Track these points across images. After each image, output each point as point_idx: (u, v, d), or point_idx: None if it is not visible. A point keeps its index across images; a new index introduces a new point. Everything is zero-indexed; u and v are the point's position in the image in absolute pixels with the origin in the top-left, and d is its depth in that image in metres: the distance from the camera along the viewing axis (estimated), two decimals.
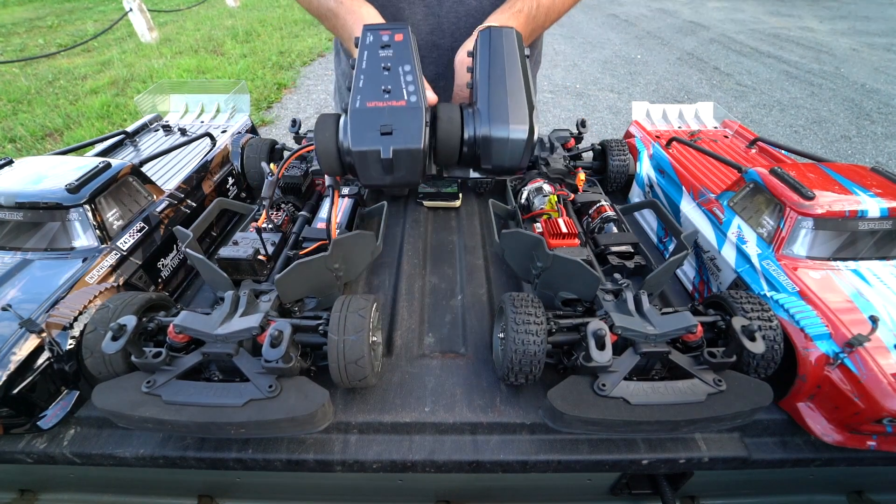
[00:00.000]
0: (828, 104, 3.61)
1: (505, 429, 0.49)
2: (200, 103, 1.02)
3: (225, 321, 0.45)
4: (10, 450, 0.47)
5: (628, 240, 0.63)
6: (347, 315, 0.46)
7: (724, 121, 0.96)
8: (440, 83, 0.84)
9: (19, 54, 4.57)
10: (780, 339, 0.46)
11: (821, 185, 0.55)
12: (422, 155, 0.45)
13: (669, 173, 0.76)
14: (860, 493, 0.57)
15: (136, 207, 0.62)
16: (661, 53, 4.82)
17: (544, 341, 0.45)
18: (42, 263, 0.53)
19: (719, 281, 0.60)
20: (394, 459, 0.46)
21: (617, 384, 0.43)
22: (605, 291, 0.51)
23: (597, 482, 0.56)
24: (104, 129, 3.10)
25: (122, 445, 0.47)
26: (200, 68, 4.18)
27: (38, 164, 0.61)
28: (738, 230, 0.59)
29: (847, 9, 6.57)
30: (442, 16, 0.74)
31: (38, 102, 3.48)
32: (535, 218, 0.66)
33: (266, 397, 0.42)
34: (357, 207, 0.73)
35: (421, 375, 0.53)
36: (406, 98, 0.46)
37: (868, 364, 0.42)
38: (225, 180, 0.83)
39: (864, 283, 0.50)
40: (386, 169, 0.46)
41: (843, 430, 0.45)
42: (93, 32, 4.93)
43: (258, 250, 0.58)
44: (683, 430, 0.44)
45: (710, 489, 0.58)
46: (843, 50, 4.80)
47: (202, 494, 0.58)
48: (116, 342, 0.41)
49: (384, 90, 0.46)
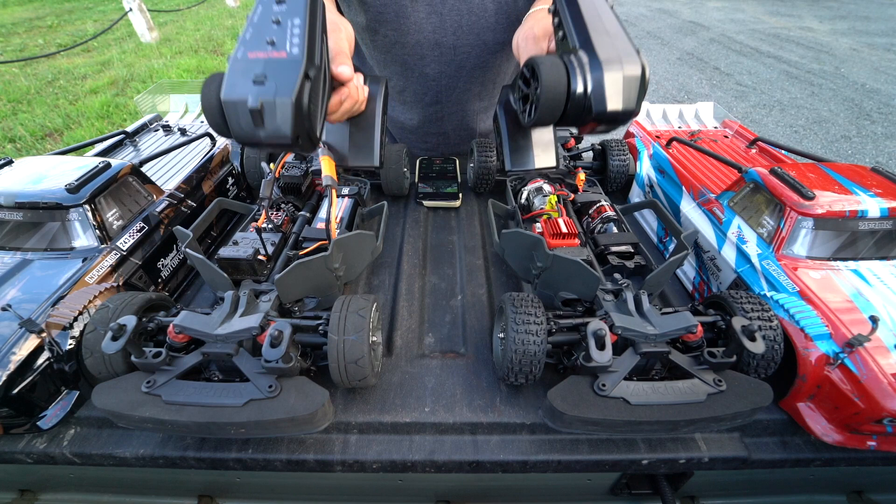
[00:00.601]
0: (828, 104, 3.61)
1: (505, 429, 0.49)
2: None
3: (225, 321, 0.45)
4: (9, 450, 0.47)
5: (628, 240, 0.63)
6: (347, 315, 0.46)
7: (725, 121, 0.96)
8: (443, 81, 0.84)
9: (19, 54, 4.57)
10: (780, 339, 0.46)
11: (821, 185, 0.55)
12: (291, 109, 0.41)
13: (669, 173, 0.76)
14: (860, 494, 0.57)
15: (136, 207, 0.62)
16: (661, 53, 4.82)
17: (544, 341, 0.45)
18: (42, 263, 0.53)
19: (719, 281, 0.60)
20: (394, 459, 0.46)
21: (617, 384, 0.43)
22: (605, 291, 0.51)
23: (597, 482, 0.56)
24: (104, 129, 3.10)
25: (122, 445, 0.47)
26: (200, 68, 4.18)
27: (37, 164, 0.61)
28: (738, 230, 0.59)
29: (847, 9, 6.57)
30: (444, 14, 0.74)
31: (37, 102, 3.48)
32: (535, 218, 0.66)
33: (266, 397, 0.42)
34: (357, 207, 0.73)
35: (421, 375, 0.53)
36: (288, 51, 0.42)
37: (868, 364, 0.42)
38: (225, 180, 0.83)
39: (864, 283, 0.50)
40: (255, 121, 0.41)
41: (843, 430, 0.45)
42: (93, 32, 4.93)
43: (258, 250, 0.58)
44: (683, 430, 0.44)
45: (709, 489, 0.58)
46: (844, 50, 4.79)
47: (202, 494, 0.58)
48: (116, 342, 0.41)
49: (268, 41, 0.43)
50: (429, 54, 0.79)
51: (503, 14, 0.76)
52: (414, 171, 0.92)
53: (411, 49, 0.79)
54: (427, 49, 0.79)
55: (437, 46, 0.78)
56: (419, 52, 0.79)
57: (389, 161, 0.81)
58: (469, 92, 0.88)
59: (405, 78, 0.85)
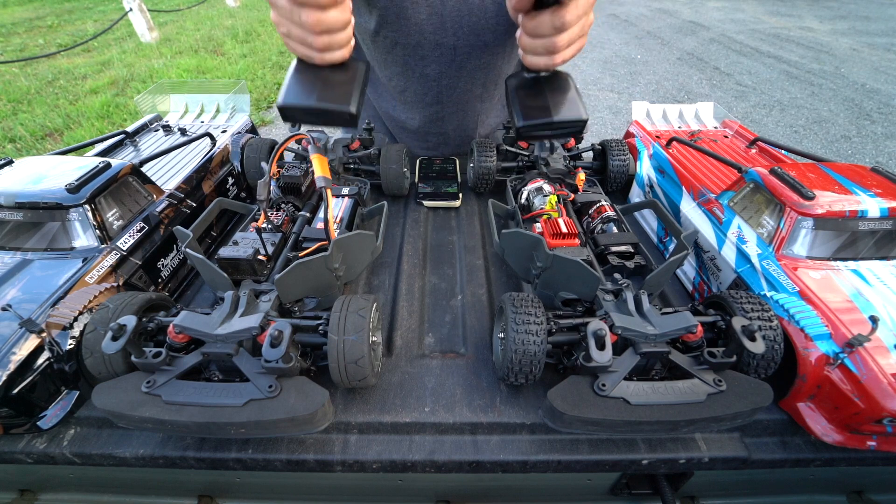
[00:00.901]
0: (828, 104, 3.61)
1: (505, 429, 0.49)
2: (200, 103, 1.02)
3: (225, 321, 0.45)
4: (9, 450, 0.47)
5: (628, 240, 0.63)
6: (347, 315, 0.46)
7: (725, 121, 0.96)
8: (443, 81, 0.84)
9: (19, 54, 4.57)
10: (780, 339, 0.46)
11: (821, 185, 0.55)
12: None
13: (669, 173, 0.76)
14: (860, 494, 0.57)
15: (136, 207, 0.62)
16: (661, 53, 4.82)
17: (544, 341, 0.45)
18: (42, 263, 0.53)
19: (719, 281, 0.60)
20: (394, 459, 0.46)
21: (617, 384, 0.43)
22: (605, 291, 0.51)
23: (597, 482, 0.56)
24: (104, 129, 3.10)
25: (121, 445, 0.47)
26: (200, 68, 4.18)
27: (37, 164, 0.61)
28: (738, 230, 0.59)
29: (847, 9, 6.57)
30: (445, 15, 0.74)
31: (37, 102, 3.48)
32: (535, 218, 0.66)
33: (266, 397, 0.42)
34: (357, 207, 0.73)
35: (421, 375, 0.53)
36: None
37: (868, 364, 0.42)
38: (225, 180, 0.83)
39: (864, 283, 0.50)
40: None
41: (843, 431, 0.45)
42: (93, 32, 4.93)
43: (258, 250, 0.58)
44: (683, 430, 0.44)
45: (710, 489, 0.58)
46: (844, 50, 4.79)
47: (202, 494, 0.58)
48: (116, 342, 0.41)
49: None
50: (429, 55, 0.80)
51: (504, 15, 0.75)
52: (414, 171, 0.92)
53: (412, 50, 0.79)
54: (428, 50, 0.79)
55: (438, 47, 0.78)
56: (420, 52, 0.79)
57: (389, 161, 0.81)
58: (470, 93, 0.88)
59: (406, 78, 0.85)
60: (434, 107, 0.91)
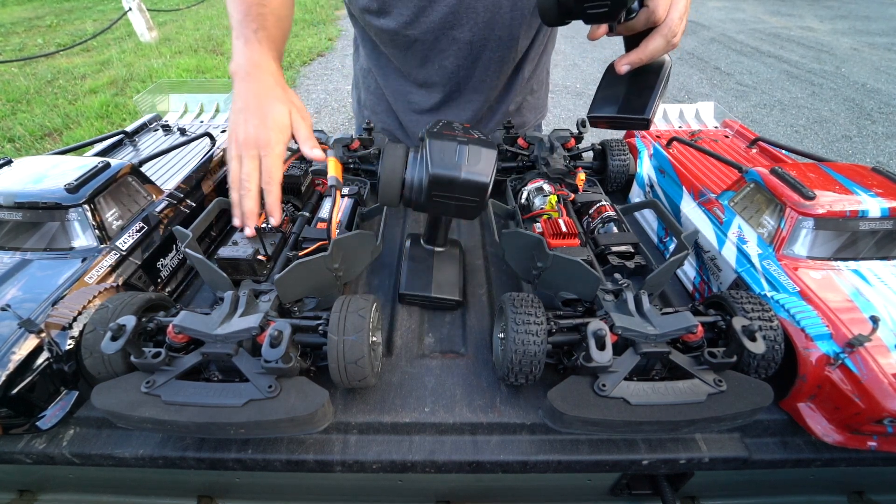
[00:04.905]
0: (828, 104, 3.60)
1: (505, 429, 0.49)
2: (200, 103, 1.02)
3: (224, 321, 0.45)
4: (9, 450, 0.46)
5: (628, 240, 0.62)
6: (347, 315, 0.46)
7: (725, 120, 0.96)
8: (460, 73, 0.86)
9: (18, 54, 4.57)
10: (780, 340, 0.46)
11: (821, 185, 0.55)
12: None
13: (670, 173, 0.76)
14: (861, 494, 0.57)
15: (135, 207, 0.62)
16: None
17: (544, 341, 0.45)
18: (41, 263, 0.53)
19: (720, 281, 0.60)
20: (394, 460, 0.46)
21: (617, 384, 0.43)
22: (605, 291, 0.51)
23: (597, 482, 0.56)
24: (103, 129, 3.10)
25: (121, 446, 0.47)
26: (200, 68, 4.18)
27: (37, 164, 0.61)
28: (738, 230, 0.59)
29: (847, 8, 6.56)
30: (461, 12, 0.77)
31: (37, 102, 3.47)
32: (535, 218, 0.66)
33: (266, 397, 0.42)
34: (357, 207, 0.72)
35: (421, 375, 0.53)
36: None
37: (869, 364, 0.42)
38: (225, 180, 0.82)
39: (864, 283, 0.50)
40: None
41: (843, 431, 0.45)
42: (92, 32, 4.92)
43: (258, 250, 0.58)
44: (684, 430, 0.44)
45: (710, 489, 0.58)
46: (844, 49, 4.79)
47: (202, 495, 0.58)
48: (116, 342, 0.41)
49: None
50: (445, 49, 0.82)
51: (518, 10, 0.77)
52: None
53: (430, 45, 0.82)
54: (444, 44, 0.82)
55: (454, 42, 0.81)
56: (438, 47, 0.82)
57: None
58: (484, 83, 0.89)
59: (425, 69, 0.87)
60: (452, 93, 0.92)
